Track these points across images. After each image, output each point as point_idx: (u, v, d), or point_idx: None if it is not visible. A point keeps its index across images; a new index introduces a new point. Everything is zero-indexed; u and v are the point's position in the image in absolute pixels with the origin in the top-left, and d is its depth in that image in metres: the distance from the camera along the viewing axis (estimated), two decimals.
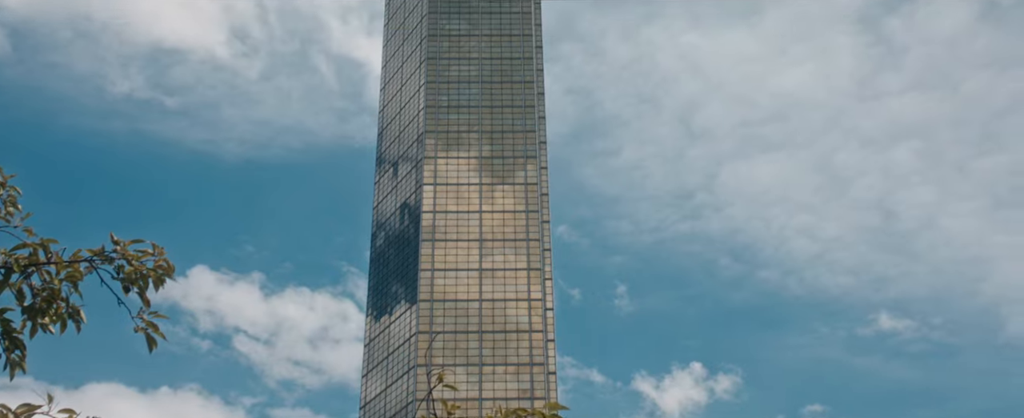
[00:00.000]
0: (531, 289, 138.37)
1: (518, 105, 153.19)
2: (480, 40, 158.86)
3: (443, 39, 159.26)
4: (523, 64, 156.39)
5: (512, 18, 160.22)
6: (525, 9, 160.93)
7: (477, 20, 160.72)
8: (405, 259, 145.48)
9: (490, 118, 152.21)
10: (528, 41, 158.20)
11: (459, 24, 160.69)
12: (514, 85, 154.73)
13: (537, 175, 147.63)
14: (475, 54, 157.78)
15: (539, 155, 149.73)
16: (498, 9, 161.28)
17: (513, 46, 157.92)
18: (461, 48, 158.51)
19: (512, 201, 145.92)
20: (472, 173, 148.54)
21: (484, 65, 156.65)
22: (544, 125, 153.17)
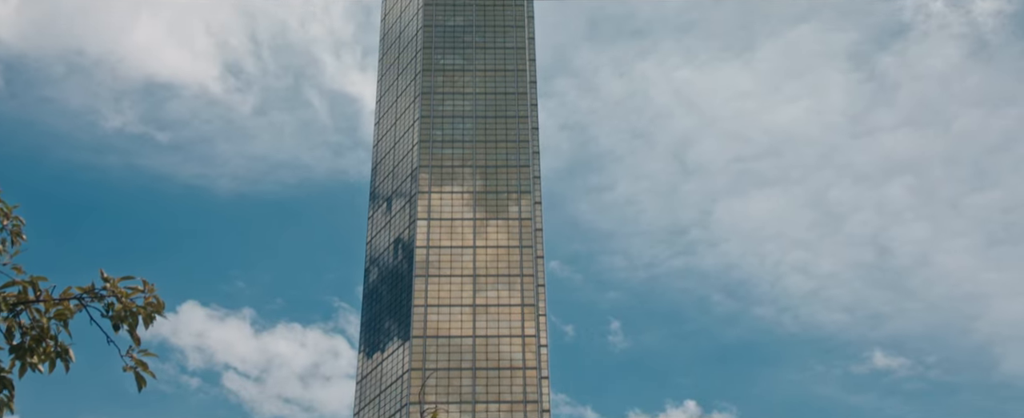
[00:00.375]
0: (525, 325, 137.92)
1: (512, 140, 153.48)
2: (475, 75, 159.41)
3: (437, 74, 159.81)
4: (517, 99, 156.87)
5: (506, 53, 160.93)
6: (519, 44, 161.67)
7: (471, 55, 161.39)
8: (398, 295, 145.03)
9: (484, 153, 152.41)
10: (522, 76, 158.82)
11: (454, 59, 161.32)
12: (508, 120, 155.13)
13: (531, 210, 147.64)
14: (469, 89, 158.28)
15: (533, 190, 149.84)
16: (492, 44, 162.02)
17: (507, 81, 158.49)
18: (455, 83, 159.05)
19: (506, 236, 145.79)
20: (466, 208, 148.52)
21: (478, 100, 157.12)
22: (538, 160, 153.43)
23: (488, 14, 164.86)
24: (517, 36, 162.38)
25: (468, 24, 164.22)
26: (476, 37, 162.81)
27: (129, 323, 11.04)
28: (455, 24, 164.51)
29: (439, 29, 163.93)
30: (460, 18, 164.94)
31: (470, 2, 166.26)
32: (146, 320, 11.17)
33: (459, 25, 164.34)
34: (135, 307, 11.19)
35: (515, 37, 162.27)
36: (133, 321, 11.08)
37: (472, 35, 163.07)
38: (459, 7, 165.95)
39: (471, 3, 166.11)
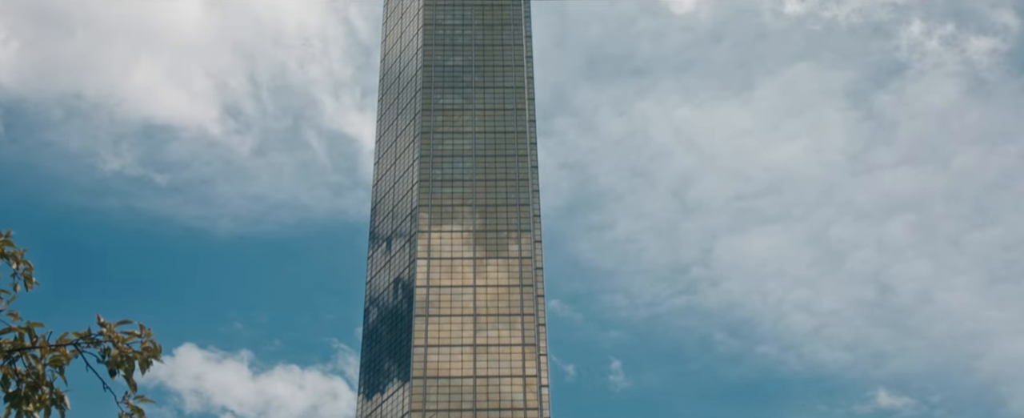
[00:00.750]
0: (526, 365, 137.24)
1: (512, 179, 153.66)
2: (474, 114, 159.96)
3: (437, 113, 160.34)
4: (517, 138, 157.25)
5: (506, 92, 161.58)
6: (518, 84, 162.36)
7: (471, 95, 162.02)
8: (398, 335, 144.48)
9: (484, 192, 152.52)
10: (521, 115, 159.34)
11: (453, 99, 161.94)
12: (508, 159, 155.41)
13: (531, 249, 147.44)
14: (469, 128, 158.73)
15: (533, 229, 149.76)
16: (491, 84, 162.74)
17: (507, 120, 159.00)
18: (455, 122, 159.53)
19: (506, 275, 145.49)
20: (466, 247, 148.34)
21: (478, 139, 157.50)
22: (538, 199, 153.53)
23: (487, 54, 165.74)
24: (516, 75, 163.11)
25: (467, 64, 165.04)
26: (475, 77, 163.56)
27: (125, 369, 10.96)
28: (454, 64, 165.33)
29: (438, 69, 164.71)
30: (459, 58, 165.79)
31: (469, 42, 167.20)
32: (142, 365, 11.09)
33: (458, 65, 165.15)
34: (131, 352, 11.11)
35: (514, 76, 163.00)
36: (129, 367, 11.00)
37: (471, 75, 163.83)
38: (458, 47, 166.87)
39: (470, 43, 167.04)
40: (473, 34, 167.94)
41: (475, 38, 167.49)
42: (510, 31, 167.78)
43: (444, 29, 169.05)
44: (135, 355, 11.17)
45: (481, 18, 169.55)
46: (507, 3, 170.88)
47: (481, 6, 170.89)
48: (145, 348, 11.27)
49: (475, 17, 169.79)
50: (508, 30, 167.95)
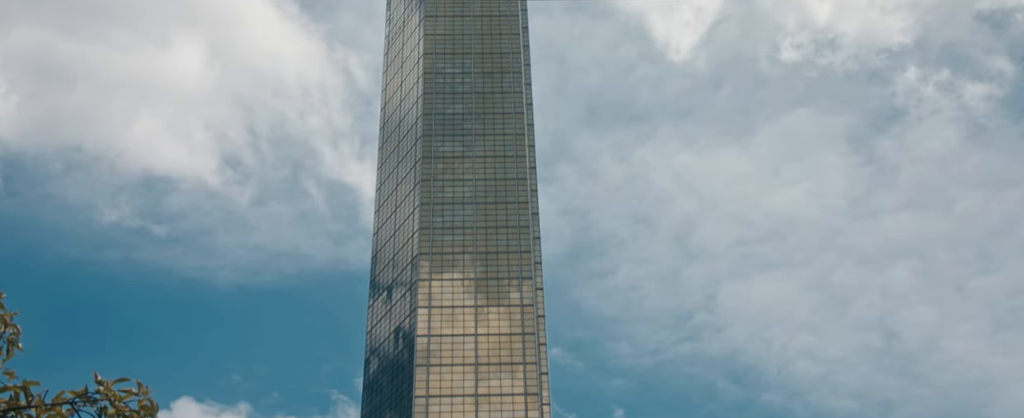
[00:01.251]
0: (528, 415, 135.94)
1: (512, 226, 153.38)
2: (474, 162, 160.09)
3: (437, 161, 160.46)
4: (517, 185, 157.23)
5: (506, 140, 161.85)
6: (519, 131, 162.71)
7: (471, 142, 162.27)
8: (399, 386, 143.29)
9: (485, 239, 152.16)
10: (522, 162, 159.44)
11: (453, 146, 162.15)
12: (508, 206, 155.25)
13: (533, 297, 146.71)
14: (469, 175, 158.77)
15: (534, 276, 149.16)
16: (492, 131, 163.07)
17: (507, 167, 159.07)
18: (455, 170, 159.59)
19: (508, 324, 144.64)
20: (467, 295, 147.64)
21: (478, 186, 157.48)
22: (539, 246, 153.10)
23: (487, 101, 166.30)
24: (516, 122, 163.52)
25: (467, 112, 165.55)
26: (475, 124, 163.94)
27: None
28: (454, 112, 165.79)
29: (438, 117, 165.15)
30: (459, 106, 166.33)
31: (469, 90, 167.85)
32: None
33: (458, 113, 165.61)
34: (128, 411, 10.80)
35: (514, 123, 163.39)
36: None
37: (471, 122, 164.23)
38: (458, 95, 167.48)
39: (470, 91, 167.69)
40: (473, 82, 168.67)
41: (475, 86, 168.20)
42: (510, 79, 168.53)
43: (444, 77, 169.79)
44: (132, 414, 10.86)
45: (481, 66, 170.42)
46: (507, 51, 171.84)
47: (481, 54, 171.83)
48: (143, 406, 10.97)
49: (475, 65, 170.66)
50: (508, 78, 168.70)
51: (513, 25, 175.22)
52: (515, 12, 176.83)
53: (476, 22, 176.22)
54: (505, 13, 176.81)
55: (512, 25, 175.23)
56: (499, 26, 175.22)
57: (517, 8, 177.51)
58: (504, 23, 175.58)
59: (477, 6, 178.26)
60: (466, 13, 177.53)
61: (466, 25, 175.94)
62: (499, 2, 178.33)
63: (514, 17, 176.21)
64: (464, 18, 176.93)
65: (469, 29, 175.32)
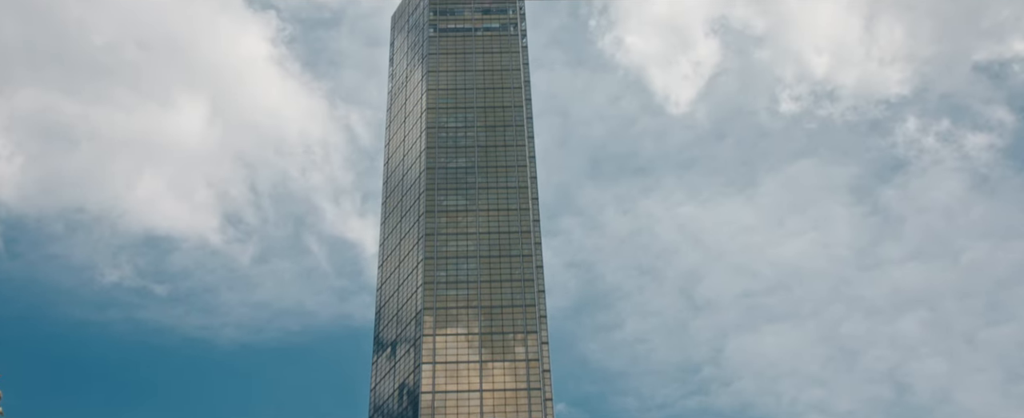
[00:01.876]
0: None
1: (517, 280, 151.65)
2: (477, 215, 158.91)
3: (441, 215, 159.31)
4: (521, 238, 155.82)
5: (509, 193, 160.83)
6: (522, 184, 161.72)
7: (474, 195, 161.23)
8: None
9: (489, 293, 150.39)
10: (525, 215, 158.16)
11: (456, 200, 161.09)
12: (512, 259, 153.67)
13: (538, 351, 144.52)
14: (472, 229, 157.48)
15: (539, 330, 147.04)
16: (495, 184, 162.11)
17: (511, 220, 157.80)
18: (458, 224, 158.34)
19: (513, 379, 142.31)
20: (471, 350, 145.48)
21: (482, 240, 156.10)
22: (544, 299, 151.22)
23: (490, 155, 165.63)
24: (519, 175, 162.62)
25: (470, 165, 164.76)
26: (478, 178, 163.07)
27: None
28: (458, 165, 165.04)
29: (441, 171, 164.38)
30: (462, 159, 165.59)
31: (472, 144, 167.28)
32: None
33: (461, 166, 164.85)
34: None
35: (517, 176, 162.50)
36: None
37: (474, 176, 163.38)
38: (461, 149, 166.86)
39: (473, 145, 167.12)
40: (476, 136, 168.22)
41: (478, 139, 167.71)
42: (512, 132, 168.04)
43: (447, 131, 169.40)
44: None
45: (483, 120, 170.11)
46: (509, 105, 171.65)
47: (483, 108, 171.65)
48: None
49: (477, 119, 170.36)
50: (510, 131, 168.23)
51: (515, 79, 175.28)
52: (517, 66, 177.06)
53: (478, 76, 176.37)
54: (507, 67, 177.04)
55: (514, 79, 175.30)
56: (501, 80, 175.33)
57: (519, 62, 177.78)
58: (506, 77, 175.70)
59: (479, 61, 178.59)
60: (468, 68, 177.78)
61: (468, 79, 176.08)
62: (501, 56, 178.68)
63: (516, 71, 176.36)
64: (466, 72, 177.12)
65: (471, 83, 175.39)
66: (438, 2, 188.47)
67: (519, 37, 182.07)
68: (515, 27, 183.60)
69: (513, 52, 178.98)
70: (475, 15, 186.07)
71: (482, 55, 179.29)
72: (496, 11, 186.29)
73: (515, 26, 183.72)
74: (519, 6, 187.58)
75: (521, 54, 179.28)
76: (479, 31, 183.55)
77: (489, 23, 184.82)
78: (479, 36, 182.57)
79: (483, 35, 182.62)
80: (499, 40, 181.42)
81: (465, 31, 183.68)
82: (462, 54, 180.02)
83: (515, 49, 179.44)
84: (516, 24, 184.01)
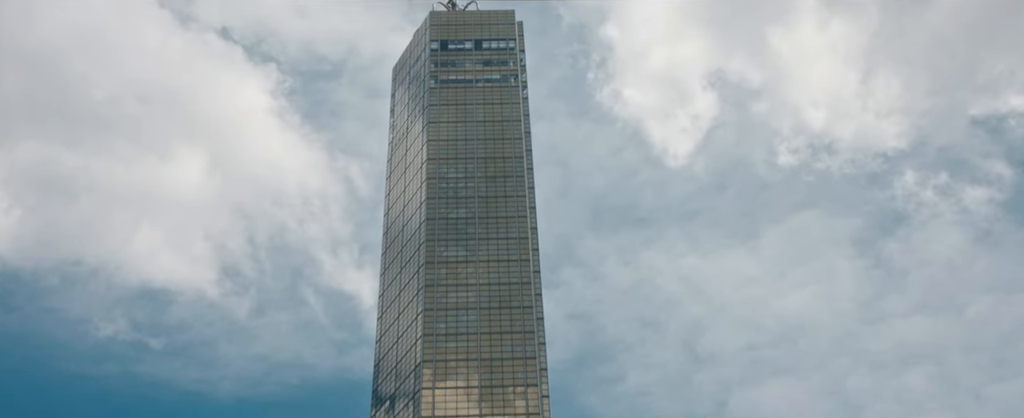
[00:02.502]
0: None
1: (517, 332, 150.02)
2: (478, 266, 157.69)
3: (441, 266, 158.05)
4: (521, 289, 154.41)
5: (509, 244, 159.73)
6: (522, 234, 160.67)
7: (475, 247, 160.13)
8: None
9: (489, 346, 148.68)
10: (525, 266, 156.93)
11: (457, 251, 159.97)
12: (513, 311, 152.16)
13: (538, 405, 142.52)
14: (473, 280, 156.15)
15: (540, 383, 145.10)
16: (495, 235, 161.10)
17: (511, 272, 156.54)
18: (459, 275, 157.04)
19: None
20: (471, 404, 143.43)
21: (482, 292, 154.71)
22: (545, 352, 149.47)
23: (490, 206, 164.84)
24: (520, 226, 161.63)
25: (470, 216, 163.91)
26: (479, 229, 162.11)
27: None
28: (458, 216, 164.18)
29: (441, 222, 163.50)
30: (463, 210, 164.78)
31: (472, 194, 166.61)
32: None
33: (462, 217, 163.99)
34: None
35: (517, 228, 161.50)
36: None
37: (475, 227, 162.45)
38: (462, 200, 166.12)
39: (473, 195, 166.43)
40: (476, 186, 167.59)
41: (478, 190, 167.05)
42: (513, 183, 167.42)
43: (447, 182, 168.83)
44: None
45: (484, 170, 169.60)
46: (510, 155, 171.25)
47: (484, 159, 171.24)
48: None
49: (478, 170, 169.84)
50: (511, 182, 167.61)
51: (515, 130, 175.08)
52: (517, 117, 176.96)
53: (479, 127, 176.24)
54: (507, 118, 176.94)
55: (515, 130, 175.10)
56: (502, 131, 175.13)
57: (519, 113, 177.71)
58: (506, 128, 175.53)
59: (479, 112, 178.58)
60: (469, 119, 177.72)
61: (469, 130, 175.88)
62: (501, 107, 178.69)
63: (516, 122, 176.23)
64: (467, 123, 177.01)
65: (472, 134, 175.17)
66: (439, 54, 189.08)
67: (520, 88, 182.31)
68: (516, 78, 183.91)
69: (514, 103, 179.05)
70: (476, 66, 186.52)
71: (483, 106, 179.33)
72: (497, 63, 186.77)
73: (516, 77, 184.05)
74: (520, 58, 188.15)
75: (522, 105, 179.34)
76: (480, 82, 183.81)
77: (490, 74, 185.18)
78: (480, 87, 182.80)
79: (484, 86, 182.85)
80: (500, 91, 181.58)
81: (466, 82, 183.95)
82: (463, 105, 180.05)
83: (516, 100, 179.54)
84: (517, 75, 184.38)
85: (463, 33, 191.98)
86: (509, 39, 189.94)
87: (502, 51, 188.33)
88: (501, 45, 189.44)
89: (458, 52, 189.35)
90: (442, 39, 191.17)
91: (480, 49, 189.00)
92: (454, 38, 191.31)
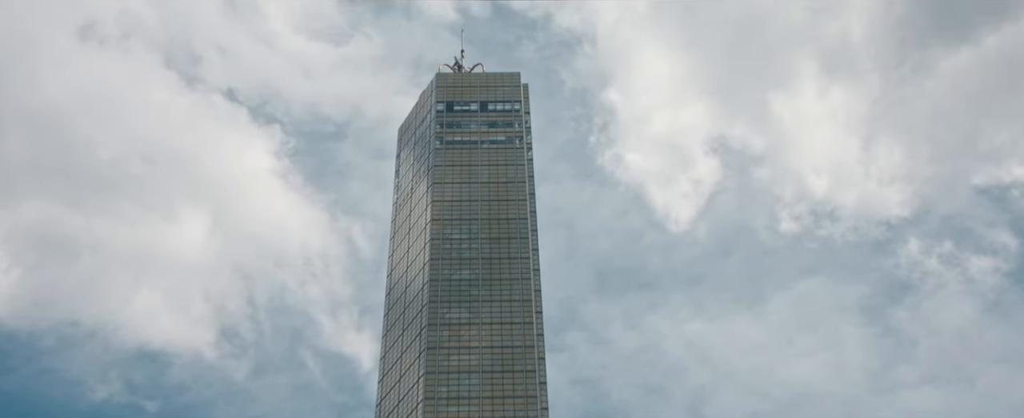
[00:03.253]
0: None
1: (520, 396, 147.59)
2: (480, 329, 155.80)
3: (443, 328, 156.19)
4: (524, 353, 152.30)
5: (513, 306, 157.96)
6: (526, 297, 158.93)
7: (477, 309, 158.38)
8: None
9: (491, 410, 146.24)
10: (529, 329, 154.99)
11: (459, 313, 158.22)
12: (516, 375, 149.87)
13: None
14: (475, 343, 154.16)
15: None
16: (499, 297, 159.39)
17: (514, 335, 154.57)
18: (461, 337, 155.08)
19: None
20: None
21: (485, 355, 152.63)
22: (548, 416, 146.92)
23: (494, 267, 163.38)
24: (523, 288, 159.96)
25: (474, 278, 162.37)
26: (482, 290, 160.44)
27: None
28: (461, 278, 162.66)
29: (445, 283, 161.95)
30: (466, 272, 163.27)
31: (475, 256, 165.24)
32: None
33: (465, 279, 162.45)
34: None
35: (521, 289, 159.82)
36: None
37: (478, 288, 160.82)
38: (465, 261, 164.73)
39: (476, 257, 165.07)
40: (480, 248, 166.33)
41: (482, 251, 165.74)
42: (517, 244, 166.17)
43: (451, 243, 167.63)
44: None
45: (487, 232, 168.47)
46: (513, 217, 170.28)
47: (488, 220, 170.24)
48: None
49: (482, 231, 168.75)
50: (515, 243, 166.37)
51: (520, 191, 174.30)
52: (522, 178, 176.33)
53: (483, 188, 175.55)
54: (512, 179, 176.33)
55: (519, 191, 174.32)
56: (506, 192, 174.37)
57: (524, 174, 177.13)
58: (511, 189, 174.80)
59: (484, 173, 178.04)
60: (473, 179, 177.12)
61: (473, 191, 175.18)
62: (506, 168, 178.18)
63: (521, 183, 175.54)
64: (471, 184, 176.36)
65: (476, 195, 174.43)
66: (445, 115, 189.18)
67: (524, 150, 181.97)
68: (521, 140, 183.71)
69: (519, 164, 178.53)
70: (481, 128, 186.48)
71: (488, 167, 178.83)
72: (502, 124, 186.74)
73: (521, 139, 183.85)
74: (525, 120, 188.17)
75: (526, 167, 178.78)
76: (485, 144, 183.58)
77: (495, 136, 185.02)
78: (485, 148, 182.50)
79: (489, 147, 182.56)
80: (505, 152, 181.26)
81: (471, 143, 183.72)
82: (468, 166, 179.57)
83: (520, 161, 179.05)
84: (522, 137, 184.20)
85: (469, 95, 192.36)
86: (515, 101, 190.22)
87: (507, 113, 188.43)
88: (507, 107, 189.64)
89: (464, 113, 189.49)
90: (448, 100, 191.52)
91: (486, 111, 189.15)
92: (460, 99, 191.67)
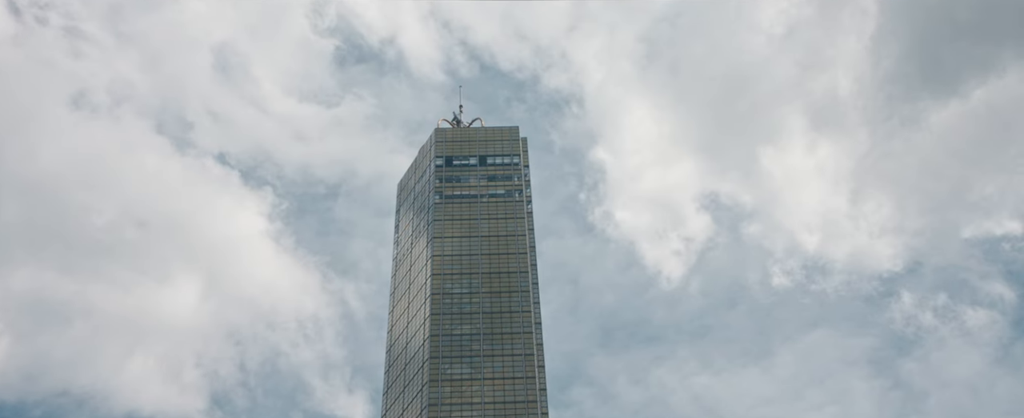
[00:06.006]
0: None
1: None
2: (482, 384, 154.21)
3: (445, 384, 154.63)
4: (527, 408, 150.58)
5: (515, 361, 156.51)
6: (528, 351, 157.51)
7: (479, 364, 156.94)
8: None
9: None
10: (531, 384, 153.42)
11: (461, 368, 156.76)
12: None
13: None
14: (477, 398, 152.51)
15: None
16: (500, 352, 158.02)
17: (516, 390, 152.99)
18: (463, 393, 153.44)
19: None
20: None
21: (487, 410, 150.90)
22: None
23: (495, 321, 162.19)
24: (525, 343, 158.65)
25: (475, 332, 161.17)
26: (483, 345, 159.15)
27: None
28: (462, 333, 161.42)
29: (446, 338, 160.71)
30: (467, 326, 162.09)
31: (476, 310, 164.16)
32: None
33: (466, 334, 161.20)
34: None
35: (523, 344, 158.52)
36: None
37: (479, 343, 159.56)
38: (466, 315, 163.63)
39: (478, 312, 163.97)
40: (481, 302, 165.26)
41: (483, 306, 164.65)
42: (518, 298, 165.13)
43: (452, 298, 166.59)
44: None
45: (489, 286, 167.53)
46: (514, 270, 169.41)
47: (489, 274, 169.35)
48: None
49: (483, 285, 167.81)
50: (516, 297, 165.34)
51: (520, 244, 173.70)
52: (522, 232, 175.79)
53: (484, 242, 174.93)
54: (512, 233, 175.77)
55: (519, 244, 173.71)
56: (506, 245, 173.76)
57: (524, 228, 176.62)
58: (511, 242, 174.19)
59: (485, 227, 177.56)
60: (474, 234, 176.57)
61: (473, 245, 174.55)
62: (507, 222, 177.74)
63: (521, 236, 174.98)
64: (471, 238, 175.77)
65: (476, 249, 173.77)
66: (444, 169, 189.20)
67: (524, 203, 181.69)
68: (520, 193, 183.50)
69: (519, 218, 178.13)
70: (481, 182, 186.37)
71: (488, 221, 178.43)
72: (502, 178, 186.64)
73: (521, 192, 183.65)
74: (524, 173, 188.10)
75: (526, 219, 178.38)
76: (485, 197, 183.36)
77: (495, 190, 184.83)
78: (485, 202, 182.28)
79: (489, 201, 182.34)
80: (505, 206, 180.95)
81: (471, 197, 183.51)
82: (468, 220, 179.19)
83: (521, 215, 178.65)
84: (521, 190, 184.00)
85: (468, 149, 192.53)
86: (514, 155, 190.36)
87: (507, 166, 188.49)
88: (506, 161, 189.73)
89: (463, 168, 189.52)
90: (447, 155, 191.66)
91: (485, 165, 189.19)
92: (459, 154, 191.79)
